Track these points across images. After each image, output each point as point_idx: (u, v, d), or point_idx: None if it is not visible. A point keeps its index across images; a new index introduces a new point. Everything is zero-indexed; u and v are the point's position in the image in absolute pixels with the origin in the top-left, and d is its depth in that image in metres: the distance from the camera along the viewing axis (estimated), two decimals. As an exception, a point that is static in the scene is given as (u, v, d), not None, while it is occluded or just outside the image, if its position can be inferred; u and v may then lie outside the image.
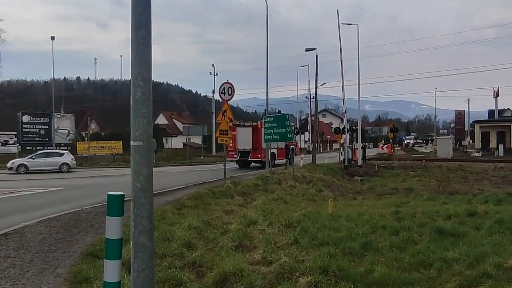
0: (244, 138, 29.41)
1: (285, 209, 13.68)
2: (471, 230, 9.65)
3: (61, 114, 55.44)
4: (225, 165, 19.94)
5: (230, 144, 26.97)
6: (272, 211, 12.80)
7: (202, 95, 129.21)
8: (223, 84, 19.89)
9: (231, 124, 21.31)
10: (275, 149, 29.28)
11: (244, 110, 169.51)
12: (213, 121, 60.56)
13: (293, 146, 35.27)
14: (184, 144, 61.34)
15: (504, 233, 9.24)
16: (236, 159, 30.48)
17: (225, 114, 19.42)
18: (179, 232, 9.15)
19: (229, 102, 20.35)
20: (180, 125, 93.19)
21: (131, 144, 3.76)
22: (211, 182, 20.44)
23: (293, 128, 25.17)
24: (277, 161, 31.33)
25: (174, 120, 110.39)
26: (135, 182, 3.70)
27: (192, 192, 16.28)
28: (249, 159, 31.36)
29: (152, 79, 3.84)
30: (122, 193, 3.78)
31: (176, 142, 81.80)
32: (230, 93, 19.54)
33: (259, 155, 30.21)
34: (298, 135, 66.59)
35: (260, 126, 30.13)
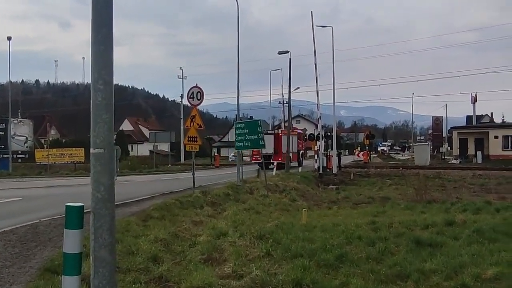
0: (267, 144, 32.68)
1: (257, 220, 13.66)
2: (449, 240, 9.78)
3: (18, 120, 54.50)
4: (193, 174, 19.84)
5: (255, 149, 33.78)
6: (243, 222, 12.75)
7: (169, 99, 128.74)
8: (191, 88, 19.78)
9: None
10: (291, 153, 37.84)
11: (215, 116, 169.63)
12: (181, 127, 60.28)
13: (302, 151, 44.29)
14: (150, 151, 60.85)
15: (483, 243, 9.39)
16: (260, 161, 34.72)
17: (194, 120, 19.29)
18: (144, 245, 9.04)
19: (198, 107, 20.24)
20: (146, 132, 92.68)
21: (91, 152, 3.70)
22: (179, 191, 20.28)
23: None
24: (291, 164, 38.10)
25: (140, 126, 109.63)
26: (95, 192, 3.64)
27: (158, 202, 16.09)
28: (271, 161, 38.34)
29: (115, 82, 3.79)
30: (81, 204, 3.71)
31: (142, 150, 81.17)
32: (199, 98, 19.45)
33: (280, 158, 38.41)
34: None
35: (281, 134, 41.32)
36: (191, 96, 19.53)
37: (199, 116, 19.71)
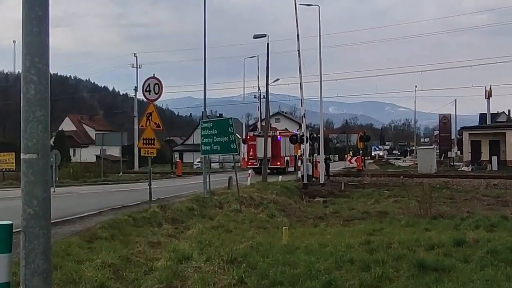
0: (264, 147, 36.66)
1: (228, 240, 13.64)
2: (459, 263, 9.89)
3: None
4: (150, 184, 19.73)
5: (251, 153, 42.39)
6: (211, 243, 12.74)
7: (121, 93, 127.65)
8: (147, 79, 19.70)
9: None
10: (288, 157, 43.76)
11: (176, 113, 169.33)
12: (135, 127, 59.96)
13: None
14: (97, 156, 60.44)
15: (498, 266, 9.51)
16: (257, 166, 39.40)
17: (150, 118, 19.20)
18: (89, 272, 8.98)
19: (156, 102, 20.14)
20: (92, 133, 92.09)
21: (21, 157, 3.66)
22: (133, 206, 20.17)
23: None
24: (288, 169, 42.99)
25: (84, 126, 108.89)
26: (27, 208, 3.60)
27: (107, 219, 16.00)
28: (269, 166, 40.23)
29: (53, 72, 3.76)
30: (9, 222, 3.66)
31: (87, 154, 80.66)
32: (157, 91, 19.36)
33: (278, 163, 42.39)
34: (245, 146, 66.74)
35: (279, 136, 45.65)
36: (147, 89, 19.43)
37: (157, 113, 19.63)
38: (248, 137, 50.14)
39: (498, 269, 9.26)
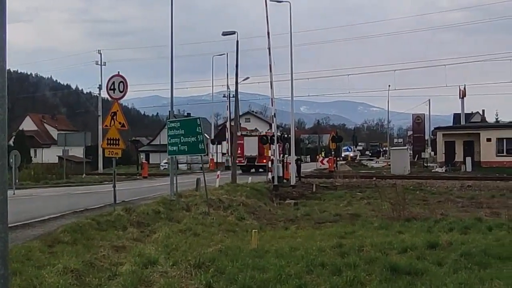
0: (251, 146, 41.06)
1: (195, 244, 13.61)
2: (432, 266, 10.01)
3: None
4: (114, 186, 19.60)
5: (239, 151, 41.97)
6: (178, 247, 12.70)
7: (84, 91, 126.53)
8: (112, 77, 19.55)
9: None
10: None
11: (143, 113, 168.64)
12: (100, 126, 59.50)
13: (286, 155, 46.49)
14: (59, 157, 59.75)
15: (472, 269, 9.64)
16: (244, 164, 41.65)
17: (115, 117, 19.06)
18: (50, 277, 8.89)
19: (121, 101, 20.02)
20: (54, 132, 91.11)
21: (-23, 158, 3.60)
22: (96, 209, 20.02)
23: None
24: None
25: (46, 125, 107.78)
26: (-17, 211, 3.55)
27: (69, 223, 15.84)
28: (255, 164, 46.04)
29: (13, 69, 3.71)
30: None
31: (48, 155, 79.73)
32: (121, 90, 19.22)
33: (264, 160, 43.18)
34: (213, 146, 66.68)
35: (265, 136, 46.08)
36: (112, 88, 19.30)
37: (121, 112, 19.49)
38: (239, 136, 51.55)
39: (472, 272, 9.38)
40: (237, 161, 44.04)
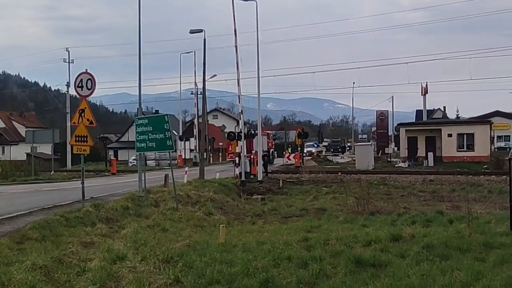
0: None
1: (164, 239, 13.61)
2: (395, 258, 10.12)
3: None
4: (83, 182, 19.43)
5: (230, 149, 44.63)
6: (147, 242, 12.67)
7: (52, 89, 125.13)
8: (80, 74, 19.34)
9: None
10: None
11: (111, 110, 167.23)
12: (68, 124, 58.89)
13: (272, 149, 55.01)
14: (28, 154, 59.05)
15: (434, 260, 9.78)
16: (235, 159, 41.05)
17: (83, 114, 18.88)
18: (18, 274, 8.82)
19: (89, 98, 19.76)
20: (22, 130, 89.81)
21: None
22: (65, 205, 19.81)
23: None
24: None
25: (14, 122, 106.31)
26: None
27: (38, 219, 15.67)
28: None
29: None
30: None
31: (16, 152, 78.84)
32: (89, 87, 19.05)
33: (249, 156, 43.13)
34: (182, 143, 66.49)
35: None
36: (80, 85, 19.11)
37: (89, 109, 19.32)
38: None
39: (434, 264, 9.52)
40: (229, 157, 49.03)
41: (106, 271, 9.47)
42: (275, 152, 68.82)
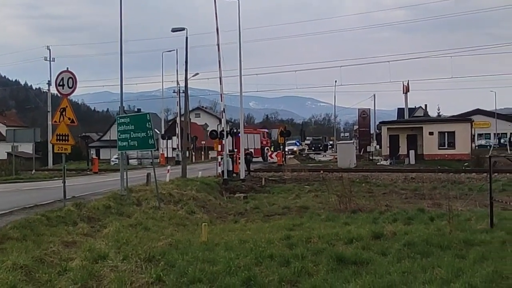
0: (229, 142, 41.07)
1: (146, 238, 13.57)
2: (377, 256, 10.19)
3: None
4: (64, 182, 19.30)
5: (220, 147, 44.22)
6: (128, 241, 12.64)
7: (34, 87, 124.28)
8: (61, 73, 19.23)
9: None
10: (253, 149, 54.00)
11: (93, 108, 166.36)
12: (49, 122, 58.58)
13: (267, 147, 57.96)
14: (8, 154, 58.63)
15: (415, 258, 9.86)
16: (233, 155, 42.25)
17: (64, 113, 18.77)
18: (-1, 274, 8.74)
19: (71, 97, 19.68)
20: (3, 129, 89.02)
21: None
22: (46, 204, 19.67)
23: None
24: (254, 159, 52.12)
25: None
26: None
27: (18, 219, 15.56)
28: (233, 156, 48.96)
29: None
30: None
31: (-3, 152, 78.02)
32: (71, 86, 18.94)
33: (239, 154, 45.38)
34: (164, 141, 66.32)
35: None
36: (61, 83, 19.00)
37: (71, 108, 19.21)
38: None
39: (415, 261, 9.59)
40: (218, 154, 48.75)
41: (88, 270, 9.43)
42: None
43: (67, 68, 19.41)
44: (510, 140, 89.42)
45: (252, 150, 55.36)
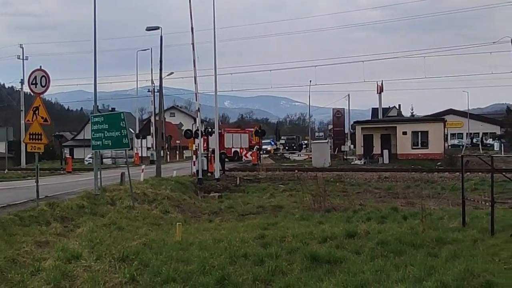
0: (214, 141, 42.69)
1: (120, 238, 13.52)
2: (350, 254, 10.25)
3: None
4: (37, 181, 19.13)
5: (204, 145, 45.18)
6: (102, 241, 12.58)
7: (6, 86, 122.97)
8: (34, 71, 19.08)
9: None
10: (237, 148, 60.08)
11: (66, 107, 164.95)
12: (22, 121, 58.03)
13: (257, 147, 57.05)
14: (-20, 153, 57.95)
15: (388, 256, 9.93)
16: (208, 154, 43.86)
17: (37, 112, 18.62)
18: (-30, 274, 8.65)
19: (44, 95, 19.52)
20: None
21: None
22: (19, 204, 19.47)
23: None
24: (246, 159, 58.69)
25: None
26: None
27: (-10, 218, 15.42)
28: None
29: None
30: None
31: (-31, 151, 77.10)
32: (44, 84, 18.79)
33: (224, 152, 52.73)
34: (138, 141, 66.01)
35: (223, 133, 57.34)
36: (34, 82, 18.84)
37: (44, 107, 19.06)
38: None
39: (388, 260, 9.66)
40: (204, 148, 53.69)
41: (61, 270, 9.37)
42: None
43: (40, 66, 19.27)
44: (482, 139, 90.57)
45: (237, 150, 60.12)
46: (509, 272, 8.68)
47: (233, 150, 60.47)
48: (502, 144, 73.81)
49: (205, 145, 57.32)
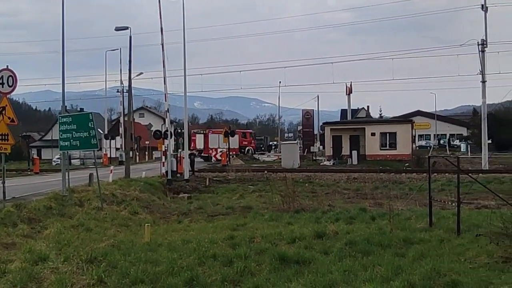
0: (200, 141, 52.76)
1: (88, 239, 13.42)
2: (319, 255, 10.30)
3: None
4: (4, 182, 18.90)
5: (192, 145, 53.05)
6: (70, 242, 12.47)
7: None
8: (1, 71, 18.87)
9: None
10: (225, 149, 57.29)
11: (34, 107, 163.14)
12: (-11, 122, 57.25)
13: (249, 147, 66.22)
14: None
15: (356, 256, 10.00)
16: (196, 155, 49.43)
17: (3, 112, 18.42)
18: None
19: (11, 95, 19.26)
20: None
21: None
22: (-15, 206, 19.27)
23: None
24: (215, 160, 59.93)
25: None
26: None
27: (-45, 220, 15.20)
28: (202, 154, 59.67)
29: None
30: None
31: None
32: (11, 84, 18.59)
33: (206, 152, 59.51)
34: (107, 141, 65.55)
35: (207, 133, 63.05)
36: (1, 82, 18.63)
37: (11, 107, 18.87)
38: (192, 133, 63.95)
39: (356, 260, 9.73)
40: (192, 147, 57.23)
41: (27, 272, 9.25)
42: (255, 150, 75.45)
43: (7, 66, 19.07)
44: (449, 141, 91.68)
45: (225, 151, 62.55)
46: (475, 271, 8.80)
47: (219, 150, 61.09)
48: (469, 145, 74.85)
49: (193, 145, 60.49)
